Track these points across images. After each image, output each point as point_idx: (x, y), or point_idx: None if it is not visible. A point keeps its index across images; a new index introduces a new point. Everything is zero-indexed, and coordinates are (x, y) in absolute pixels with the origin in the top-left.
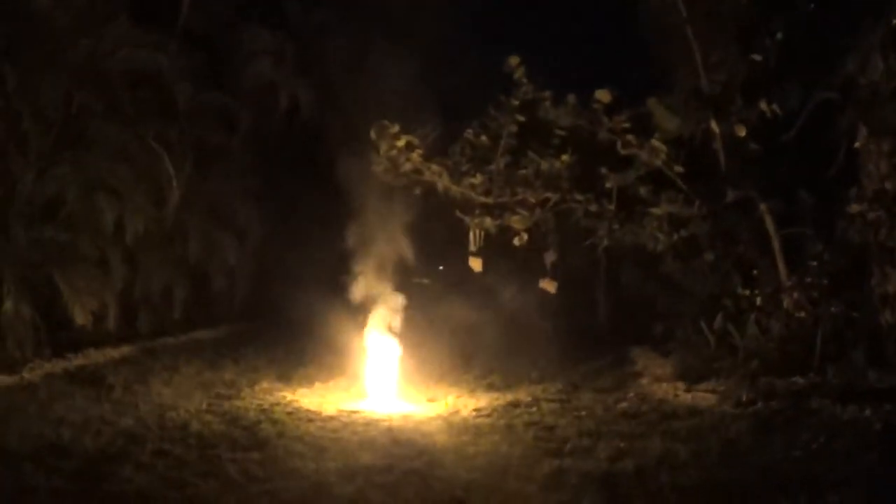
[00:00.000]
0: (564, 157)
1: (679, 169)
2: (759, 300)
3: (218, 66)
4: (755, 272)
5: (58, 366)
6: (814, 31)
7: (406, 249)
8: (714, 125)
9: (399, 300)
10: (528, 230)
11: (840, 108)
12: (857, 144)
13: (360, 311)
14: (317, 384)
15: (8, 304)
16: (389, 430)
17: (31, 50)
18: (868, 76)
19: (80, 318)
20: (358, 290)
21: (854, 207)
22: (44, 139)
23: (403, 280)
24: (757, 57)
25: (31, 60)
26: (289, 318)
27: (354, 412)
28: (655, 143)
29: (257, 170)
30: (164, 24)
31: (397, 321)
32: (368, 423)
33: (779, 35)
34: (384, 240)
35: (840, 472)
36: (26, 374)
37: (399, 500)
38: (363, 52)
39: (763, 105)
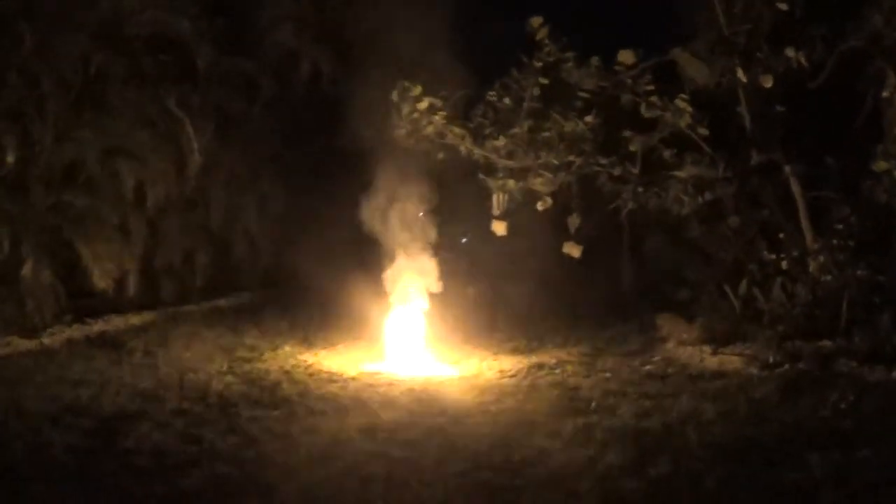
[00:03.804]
0: (588, 119)
1: (703, 131)
2: (784, 264)
3: (239, 32)
4: (781, 236)
5: (78, 331)
6: None
7: (429, 214)
8: (740, 74)
9: (423, 264)
10: (551, 194)
11: (868, 57)
12: (884, 94)
13: (383, 276)
14: (339, 347)
15: (27, 269)
16: (412, 390)
17: (49, 10)
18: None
19: (101, 283)
20: (381, 255)
21: (880, 165)
22: (63, 102)
23: (428, 245)
24: (783, 6)
25: (49, 21)
26: (312, 284)
27: (376, 374)
28: (680, 103)
29: (279, 137)
30: None
31: (421, 285)
32: (390, 384)
33: None
34: (407, 205)
35: (870, 430)
36: (46, 340)
37: (420, 456)
38: (385, 18)
39: (790, 52)
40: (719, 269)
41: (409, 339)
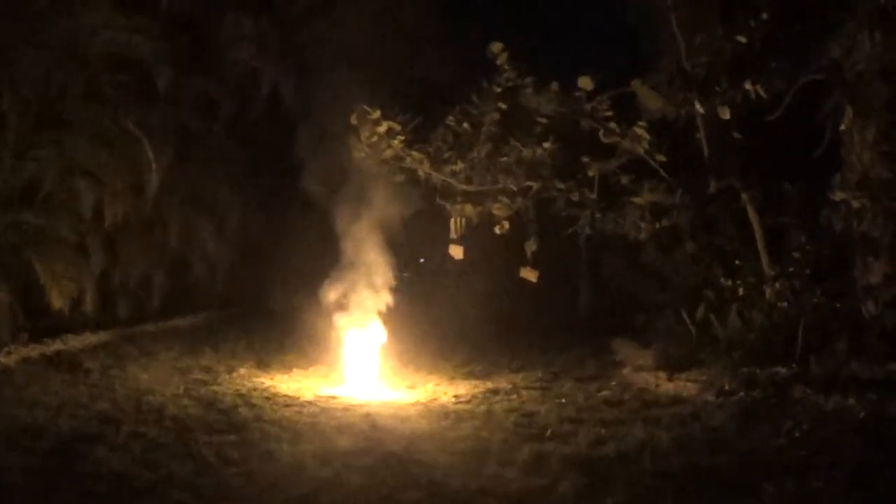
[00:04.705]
0: (546, 145)
1: (661, 158)
2: (741, 290)
3: (199, 51)
4: (737, 262)
5: (35, 351)
6: (800, 11)
7: (388, 237)
8: (698, 106)
9: (380, 288)
10: (509, 218)
11: (826, 90)
12: (842, 127)
13: (340, 300)
14: (295, 371)
15: None
16: (368, 415)
17: (9, 28)
18: (855, 56)
19: (58, 302)
20: (338, 278)
21: (838, 194)
22: (22, 120)
23: (385, 269)
24: (742, 39)
25: (9, 39)
26: (269, 306)
27: (332, 398)
28: (638, 130)
29: (238, 157)
30: (145, 8)
31: (378, 309)
32: (346, 409)
33: (764, 15)
34: (365, 228)
35: (825, 458)
36: (2, 359)
37: (377, 483)
38: (346, 40)
39: (748, 85)
40: (676, 294)
41: (365, 364)
